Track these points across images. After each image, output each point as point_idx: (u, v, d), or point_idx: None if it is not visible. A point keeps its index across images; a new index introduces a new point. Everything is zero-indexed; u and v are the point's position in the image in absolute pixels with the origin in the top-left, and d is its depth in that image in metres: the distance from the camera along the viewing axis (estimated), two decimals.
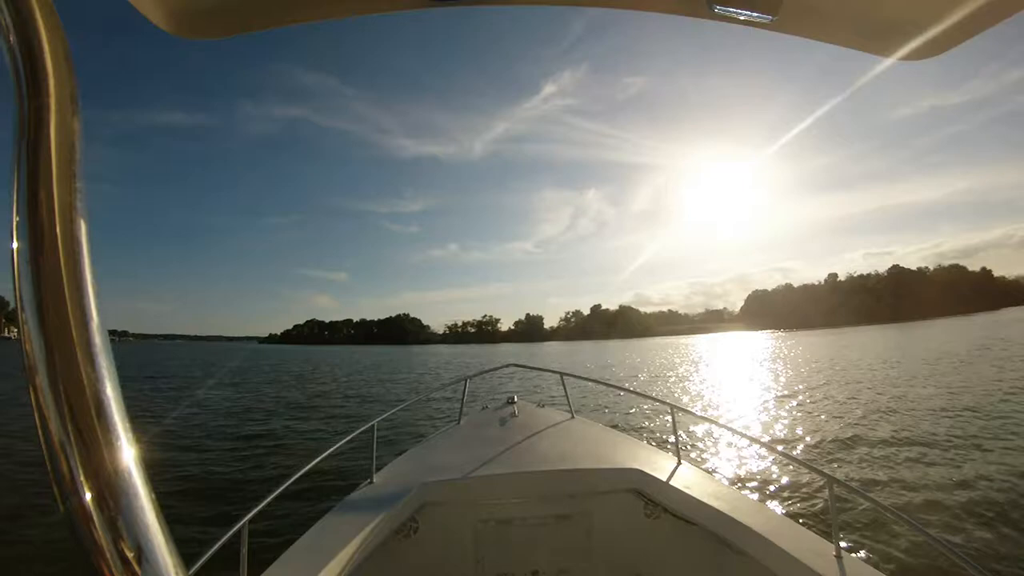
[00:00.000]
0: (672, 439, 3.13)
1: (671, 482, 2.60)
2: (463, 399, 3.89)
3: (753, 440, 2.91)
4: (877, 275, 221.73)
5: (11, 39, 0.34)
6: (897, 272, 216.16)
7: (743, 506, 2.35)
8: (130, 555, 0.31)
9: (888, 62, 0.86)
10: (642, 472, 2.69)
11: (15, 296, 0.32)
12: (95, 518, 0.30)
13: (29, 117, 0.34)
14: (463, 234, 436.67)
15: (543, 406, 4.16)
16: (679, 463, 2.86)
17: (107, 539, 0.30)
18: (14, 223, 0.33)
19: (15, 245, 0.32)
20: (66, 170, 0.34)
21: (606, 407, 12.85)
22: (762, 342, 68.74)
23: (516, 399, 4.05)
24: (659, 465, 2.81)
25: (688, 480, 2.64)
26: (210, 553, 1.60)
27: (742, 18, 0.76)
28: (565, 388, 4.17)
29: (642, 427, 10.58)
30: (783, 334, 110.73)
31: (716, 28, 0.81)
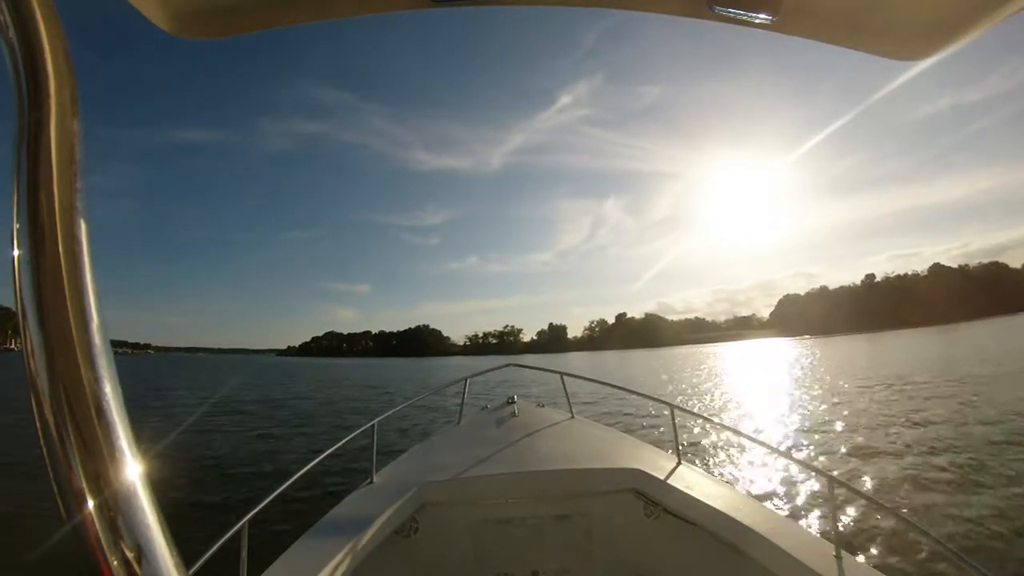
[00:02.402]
0: (672, 439, 3.10)
1: (671, 482, 2.59)
2: (463, 399, 3.89)
3: (753, 440, 2.84)
4: (916, 275, 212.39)
5: (11, 39, 0.34)
6: (938, 270, 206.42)
7: (743, 506, 2.35)
8: (130, 555, 0.31)
9: (912, 69, 0.88)
10: (642, 472, 2.68)
11: (15, 298, 0.32)
12: (95, 518, 0.30)
13: (29, 118, 0.34)
14: (483, 246, 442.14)
15: (543, 406, 4.16)
16: (679, 463, 2.85)
17: (107, 539, 0.31)
18: (14, 224, 0.32)
19: (15, 246, 0.32)
20: (66, 171, 0.34)
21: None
22: (811, 350, 57.07)
23: (516, 399, 4.04)
24: (659, 465, 2.80)
25: (688, 480, 2.63)
26: (210, 553, 1.60)
27: (742, 19, 0.75)
28: (565, 388, 4.17)
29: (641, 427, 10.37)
30: (823, 340, 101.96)
31: (731, 34, 0.82)
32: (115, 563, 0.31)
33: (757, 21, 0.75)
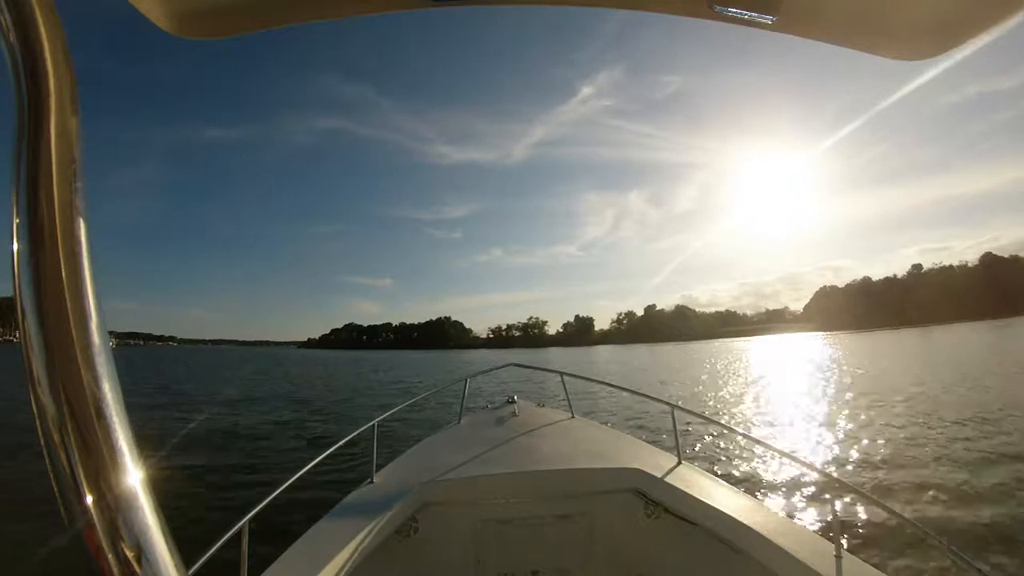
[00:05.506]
0: (673, 439, 3.09)
1: (671, 482, 2.59)
2: (463, 399, 3.89)
3: (754, 440, 2.78)
4: (964, 265, 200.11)
5: (11, 39, 0.34)
6: (990, 260, 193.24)
7: (744, 506, 2.35)
8: (130, 555, 0.31)
9: (944, 61, 0.85)
10: (642, 472, 2.68)
11: (15, 298, 0.32)
12: (95, 518, 0.30)
13: (29, 117, 0.34)
14: (506, 239, 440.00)
15: (543, 406, 4.16)
16: (679, 463, 2.86)
17: (107, 539, 0.30)
18: (14, 223, 0.33)
19: (15, 245, 0.32)
20: (66, 170, 0.34)
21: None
22: (873, 346, 48.72)
23: (516, 399, 4.05)
24: (659, 465, 2.80)
25: (688, 480, 2.63)
26: (210, 553, 1.61)
27: (742, 18, 0.76)
28: (565, 388, 4.17)
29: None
30: (871, 335, 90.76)
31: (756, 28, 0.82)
32: (115, 563, 0.31)
33: (757, 21, 0.76)
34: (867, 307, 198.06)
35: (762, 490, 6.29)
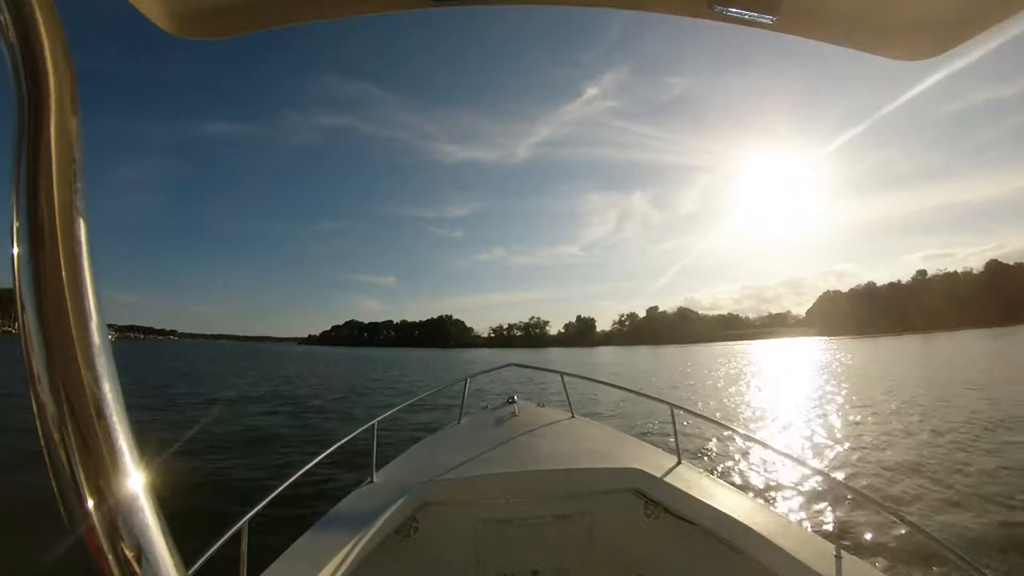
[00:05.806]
0: (672, 439, 3.07)
1: (671, 482, 2.59)
2: (463, 399, 3.88)
3: (755, 440, 2.77)
4: (968, 272, 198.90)
5: (11, 38, 0.34)
6: (996, 267, 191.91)
7: (744, 506, 2.36)
8: (130, 555, 0.31)
9: (949, 65, 0.91)
10: (642, 472, 2.69)
11: (16, 298, 0.32)
12: (95, 518, 0.30)
13: (29, 117, 0.34)
14: (509, 238, 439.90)
15: (543, 406, 4.16)
16: (679, 463, 2.86)
17: (107, 539, 0.31)
18: (14, 223, 0.33)
19: (15, 245, 0.32)
20: (66, 170, 0.34)
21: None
22: (886, 351, 46.88)
23: (516, 399, 4.04)
24: (659, 465, 2.80)
25: (688, 480, 2.64)
26: (210, 553, 1.62)
27: (742, 18, 0.76)
28: (565, 388, 4.16)
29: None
30: (875, 341, 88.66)
31: (758, 29, 0.82)
32: (115, 563, 0.31)
33: (757, 21, 0.76)
34: (870, 312, 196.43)
35: (762, 490, 6.27)
